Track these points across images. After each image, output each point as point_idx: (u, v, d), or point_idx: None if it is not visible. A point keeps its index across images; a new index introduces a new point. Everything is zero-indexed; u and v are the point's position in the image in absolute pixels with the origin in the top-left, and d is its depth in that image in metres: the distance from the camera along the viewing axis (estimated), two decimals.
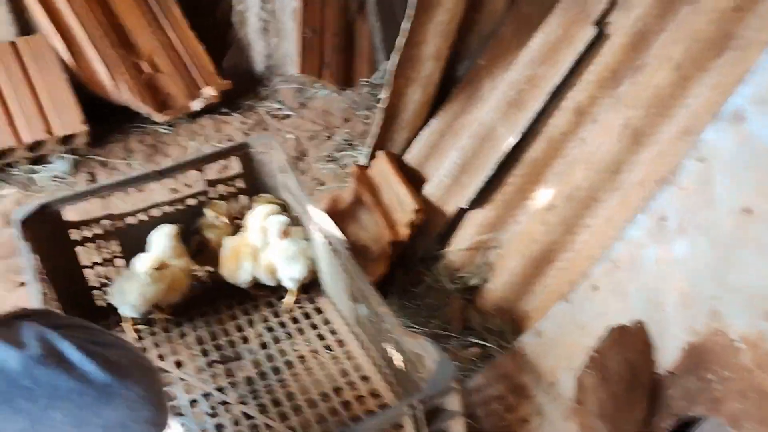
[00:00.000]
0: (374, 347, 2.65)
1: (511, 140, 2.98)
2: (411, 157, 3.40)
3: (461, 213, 3.15)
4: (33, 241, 2.82)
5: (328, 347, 2.88)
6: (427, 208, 3.14)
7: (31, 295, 2.57)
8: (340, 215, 3.43)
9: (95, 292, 3.13)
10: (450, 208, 3.15)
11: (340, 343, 2.89)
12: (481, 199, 3.07)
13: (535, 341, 2.53)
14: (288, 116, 4.66)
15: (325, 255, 2.83)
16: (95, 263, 3.09)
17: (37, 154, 4.15)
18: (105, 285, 3.12)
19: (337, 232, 2.69)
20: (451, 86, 3.34)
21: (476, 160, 3.10)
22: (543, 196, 2.95)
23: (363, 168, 3.46)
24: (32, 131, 4.06)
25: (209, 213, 3.12)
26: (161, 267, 2.89)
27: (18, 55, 4.30)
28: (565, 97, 2.92)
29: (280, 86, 4.88)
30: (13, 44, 4.35)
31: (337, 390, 2.69)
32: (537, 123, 2.97)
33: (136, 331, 3.03)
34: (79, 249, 3.04)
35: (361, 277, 2.49)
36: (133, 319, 3.02)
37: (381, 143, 3.44)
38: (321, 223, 2.76)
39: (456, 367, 2.73)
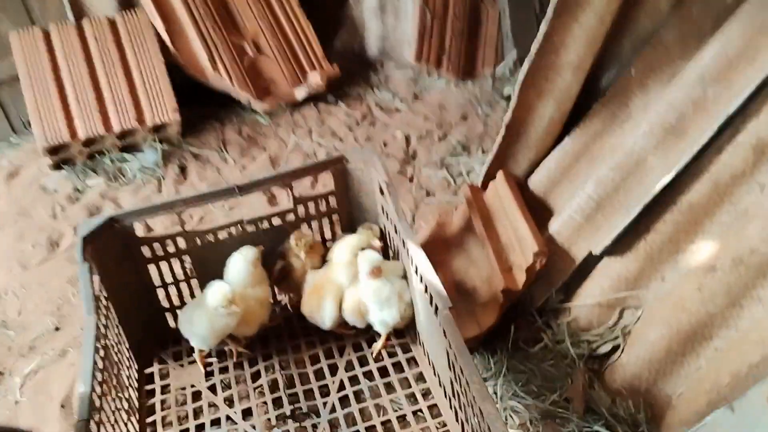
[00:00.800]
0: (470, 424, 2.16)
1: (666, 178, 2.36)
2: (536, 182, 2.83)
3: (593, 260, 2.57)
4: (98, 259, 2.50)
5: (419, 413, 2.42)
6: (550, 250, 2.58)
7: (87, 327, 2.24)
8: (446, 243, 2.94)
9: (168, 313, 2.81)
10: (579, 252, 2.58)
11: (434, 410, 2.42)
12: (619, 246, 2.48)
13: None
14: (398, 110, 4.16)
15: (423, 305, 2.35)
16: (167, 283, 2.75)
17: (127, 143, 3.87)
18: (178, 307, 2.79)
19: (438, 286, 2.20)
20: (591, 100, 2.73)
21: (617, 197, 2.51)
22: (701, 252, 2.33)
23: (478, 190, 2.93)
24: (123, 119, 3.78)
25: (292, 241, 2.70)
26: (234, 301, 2.51)
27: (116, 33, 4.01)
28: (743, 129, 2.27)
29: (392, 73, 4.39)
30: (112, 21, 4.06)
31: None
32: (701, 158, 2.34)
33: (206, 365, 2.68)
34: (151, 267, 2.71)
35: (463, 353, 1.99)
36: (202, 350, 2.68)
37: (501, 161, 2.89)
38: (422, 268, 2.28)
39: None
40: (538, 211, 2.75)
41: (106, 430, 2.12)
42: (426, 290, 2.27)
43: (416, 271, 2.36)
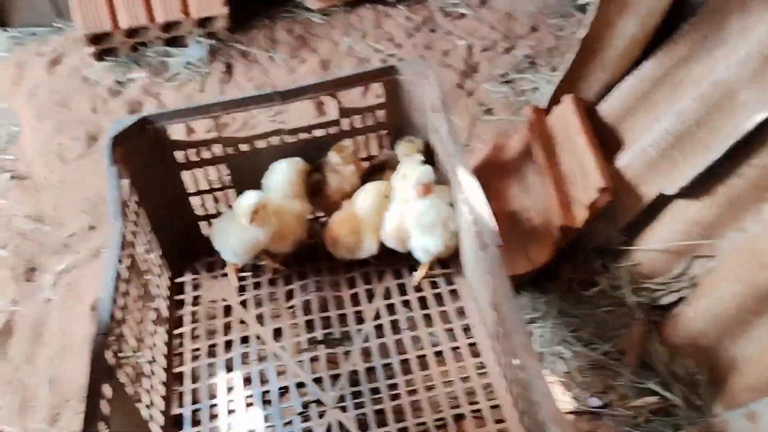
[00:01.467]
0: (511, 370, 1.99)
1: (761, 115, 2.05)
2: (607, 109, 2.54)
3: (664, 200, 2.31)
4: (128, 162, 2.36)
5: (457, 350, 2.27)
6: (617, 186, 2.32)
7: (112, 234, 2.12)
8: (502, 169, 2.70)
9: (202, 223, 2.68)
10: (650, 190, 2.32)
11: (473, 349, 2.26)
12: (696, 188, 2.21)
13: (746, 427, 1.76)
14: (463, 16, 3.83)
15: (470, 237, 2.15)
16: (202, 191, 2.61)
17: (171, 35, 3.66)
18: (213, 216, 2.65)
19: (488, 218, 1.99)
20: (680, 20, 2.39)
21: (699, 133, 2.21)
22: None
23: (542, 113, 2.66)
24: (167, 10, 3.56)
25: (333, 155, 2.50)
26: (261, 210, 2.35)
27: None
28: None
29: None
30: None
31: (459, 419, 2.10)
32: None
33: (239, 279, 2.56)
34: (185, 174, 2.55)
35: (509, 298, 1.79)
36: (235, 264, 2.56)
37: (571, 84, 2.60)
38: (472, 197, 2.06)
39: (620, 420, 2.06)
40: (606, 142, 2.48)
41: (128, 342, 2.04)
42: (474, 222, 2.07)
43: (466, 200, 2.15)
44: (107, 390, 1.77)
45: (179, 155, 2.51)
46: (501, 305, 1.85)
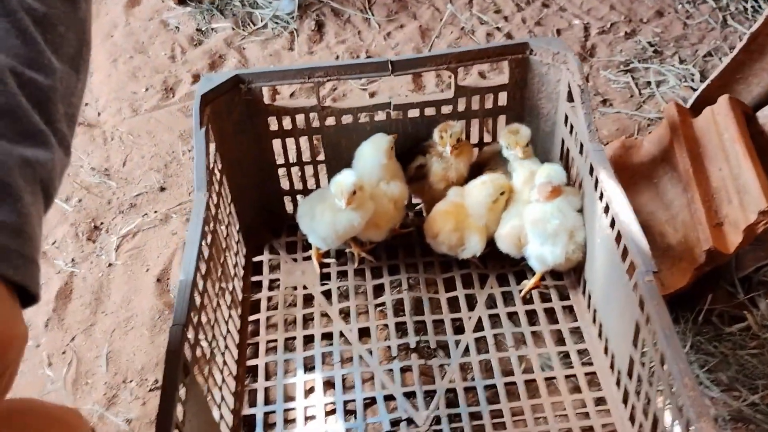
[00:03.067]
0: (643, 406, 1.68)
1: None
2: None
3: None
4: (216, 124, 2.09)
5: (571, 377, 1.97)
6: None
7: (195, 206, 1.86)
8: (631, 172, 2.36)
9: (287, 198, 2.41)
10: None
11: (591, 380, 1.96)
12: None
13: None
14: None
15: (608, 255, 1.83)
16: (290, 163, 2.33)
17: None
18: (300, 192, 2.38)
19: (641, 238, 1.67)
20: None
21: None
22: None
23: (686, 112, 2.30)
24: None
25: (437, 135, 2.19)
26: (359, 191, 2.06)
27: None
28: None
29: None
30: None
31: None
32: None
33: (322, 265, 2.29)
34: (275, 142, 2.28)
35: (672, 340, 1.48)
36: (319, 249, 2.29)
37: (726, 82, 2.24)
38: (618, 209, 1.75)
39: None
40: (766, 155, 2.12)
41: (204, 331, 1.78)
42: (618, 239, 1.75)
43: (605, 210, 1.83)
44: (182, 391, 1.52)
45: (272, 122, 2.23)
46: (656, 347, 1.54)
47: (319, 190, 2.26)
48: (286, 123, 2.24)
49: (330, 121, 2.23)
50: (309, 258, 2.31)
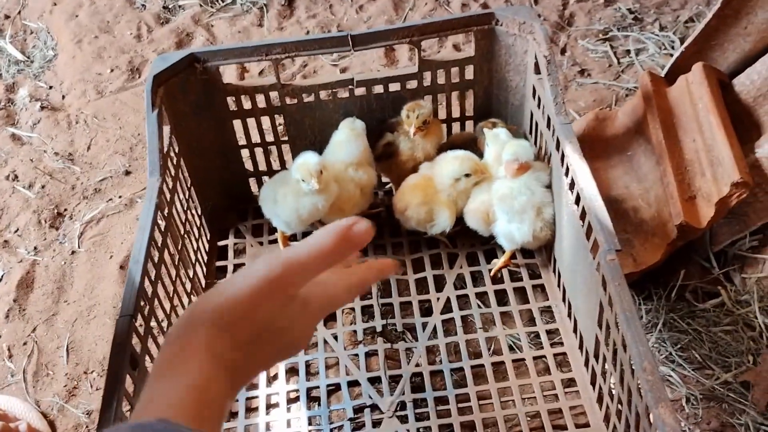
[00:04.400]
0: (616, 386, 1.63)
1: None
2: (745, 85, 2.09)
3: None
4: (171, 105, 2.02)
5: (540, 359, 1.92)
6: (755, 179, 1.90)
7: (148, 191, 1.80)
8: (604, 145, 2.29)
9: (252, 179, 2.34)
10: None
11: (561, 361, 1.91)
12: None
13: None
14: None
15: (574, 232, 1.77)
16: (253, 143, 2.25)
17: None
18: (264, 173, 2.31)
19: (604, 216, 1.60)
20: None
21: None
22: None
23: (661, 82, 2.22)
24: None
25: (404, 114, 2.12)
26: (321, 176, 1.99)
27: None
28: None
29: None
30: None
31: None
32: None
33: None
34: (236, 122, 2.20)
35: (633, 322, 1.42)
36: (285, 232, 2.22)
37: (701, 51, 2.16)
38: (583, 186, 1.68)
39: None
40: (741, 125, 2.05)
41: (156, 318, 1.73)
42: (583, 216, 1.68)
43: (571, 187, 1.76)
44: (130, 382, 1.47)
45: (231, 102, 2.15)
46: (617, 328, 1.48)
47: (280, 173, 2.19)
48: (247, 103, 2.16)
49: (291, 99, 2.16)
50: (275, 242, 2.25)
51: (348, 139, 2.10)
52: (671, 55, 2.72)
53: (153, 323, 1.66)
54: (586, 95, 2.70)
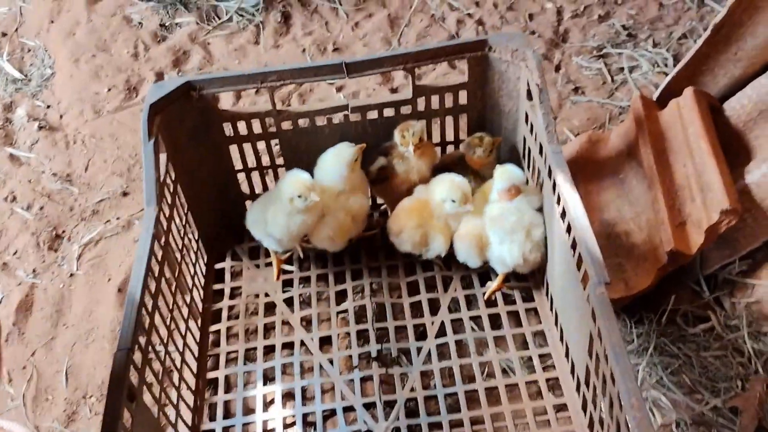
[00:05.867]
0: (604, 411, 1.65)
1: None
2: (736, 110, 2.12)
3: None
4: (168, 132, 2.03)
5: (533, 384, 1.94)
6: (744, 206, 1.93)
7: (145, 221, 1.82)
8: (597, 167, 2.31)
9: (248, 202, 2.36)
10: None
11: (553, 385, 1.93)
12: None
13: None
14: None
15: (564, 258, 1.79)
16: (249, 168, 2.28)
17: None
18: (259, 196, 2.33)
19: (593, 247, 1.62)
20: None
21: None
22: None
23: (652, 105, 2.25)
24: None
25: (397, 136, 2.14)
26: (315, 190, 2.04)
27: None
28: None
29: None
30: None
31: None
32: None
33: (284, 272, 2.26)
34: (232, 147, 2.23)
35: (621, 357, 1.44)
36: (278, 253, 2.25)
37: (692, 75, 2.18)
38: (574, 217, 1.70)
39: None
40: (731, 150, 2.07)
41: (154, 351, 1.75)
42: (574, 245, 1.71)
43: (563, 216, 1.78)
44: (127, 415, 1.50)
45: (227, 128, 2.18)
46: (605, 360, 1.51)
47: (263, 195, 2.22)
48: (243, 128, 2.19)
49: (287, 124, 2.18)
50: (271, 264, 2.27)
51: (333, 166, 2.11)
52: (664, 73, 2.75)
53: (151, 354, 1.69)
54: (580, 113, 2.72)
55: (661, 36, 2.99)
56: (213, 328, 2.15)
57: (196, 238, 2.23)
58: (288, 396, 1.99)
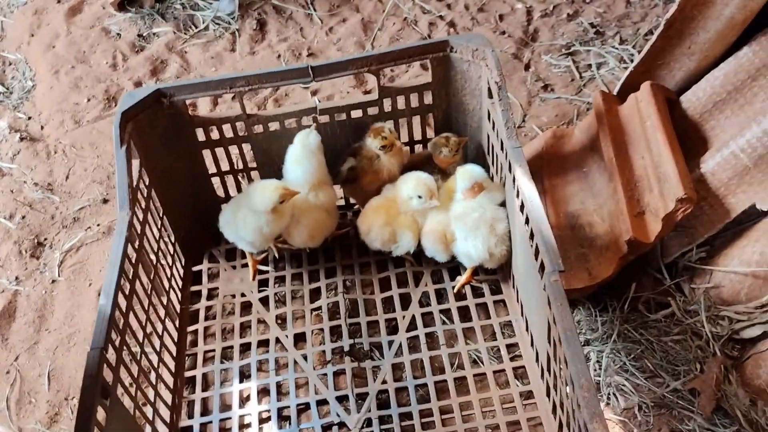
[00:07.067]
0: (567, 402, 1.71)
1: None
2: (692, 102, 2.18)
3: (755, 216, 1.98)
4: (141, 139, 2.09)
5: (501, 373, 2.00)
6: (700, 194, 1.99)
7: (118, 226, 1.87)
8: (562, 161, 2.38)
9: (224, 205, 2.41)
10: (739, 203, 1.98)
11: (519, 373, 1.99)
12: None
13: None
14: None
15: (524, 250, 1.85)
16: (223, 171, 2.34)
17: None
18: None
19: (548, 237, 1.68)
20: None
21: None
22: None
23: (612, 100, 2.31)
24: None
25: (369, 140, 2.21)
26: (286, 199, 2.10)
27: None
28: None
29: None
30: None
31: None
32: None
33: (259, 272, 2.32)
34: (206, 152, 2.29)
35: (572, 341, 1.50)
36: (254, 254, 2.31)
37: (649, 69, 2.25)
38: (531, 209, 1.76)
39: None
40: (688, 140, 2.14)
41: (129, 350, 1.80)
42: (531, 237, 1.77)
43: (521, 209, 1.84)
44: (102, 413, 1.55)
45: (200, 133, 2.24)
46: (558, 344, 1.57)
47: (233, 199, 2.27)
48: (215, 133, 2.25)
49: (258, 129, 2.24)
50: (247, 264, 2.33)
51: (303, 157, 2.17)
52: None
53: (125, 353, 1.74)
54: (548, 110, 2.78)
55: (628, 33, 3.05)
56: (191, 328, 2.21)
57: (173, 241, 2.29)
58: (263, 392, 2.04)
